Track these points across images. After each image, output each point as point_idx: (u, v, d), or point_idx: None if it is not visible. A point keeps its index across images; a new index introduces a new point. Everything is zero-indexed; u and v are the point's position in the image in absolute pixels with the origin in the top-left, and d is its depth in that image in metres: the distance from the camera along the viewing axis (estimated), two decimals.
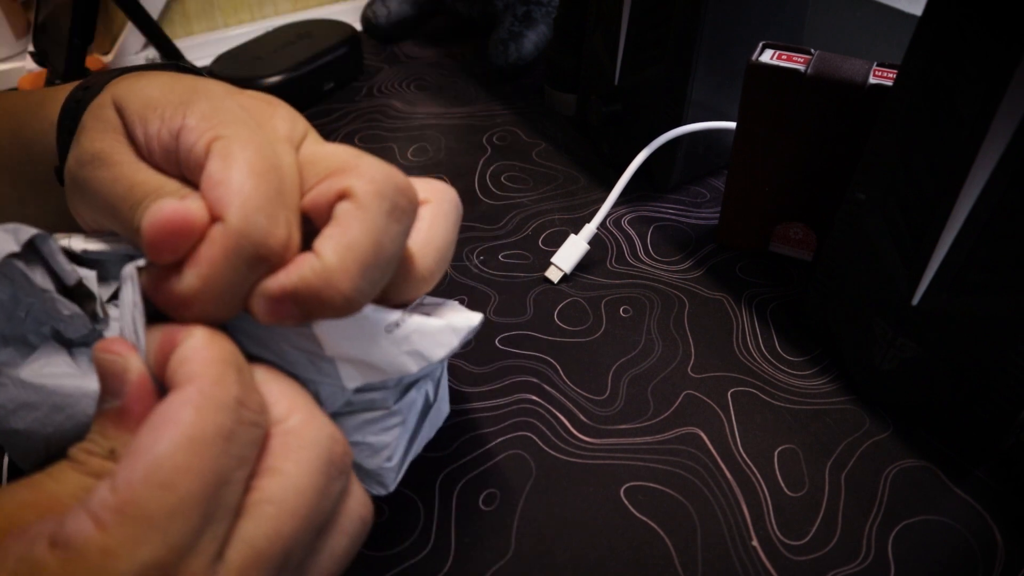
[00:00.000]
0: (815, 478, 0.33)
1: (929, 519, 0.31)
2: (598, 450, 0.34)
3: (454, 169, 0.53)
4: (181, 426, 0.18)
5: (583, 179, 0.53)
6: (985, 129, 0.27)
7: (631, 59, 0.48)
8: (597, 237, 0.45)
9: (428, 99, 0.62)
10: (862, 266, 0.35)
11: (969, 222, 0.29)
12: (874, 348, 0.35)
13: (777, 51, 0.40)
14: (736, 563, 0.30)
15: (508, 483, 0.32)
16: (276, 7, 0.77)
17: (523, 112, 0.60)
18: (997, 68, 0.26)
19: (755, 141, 0.41)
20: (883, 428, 0.35)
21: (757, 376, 0.38)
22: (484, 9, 0.66)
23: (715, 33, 0.44)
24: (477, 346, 0.39)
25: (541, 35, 0.64)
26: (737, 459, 0.34)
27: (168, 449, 0.17)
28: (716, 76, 0.46)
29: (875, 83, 0.36)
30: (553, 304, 0.42)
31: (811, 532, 0.31)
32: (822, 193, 0.40)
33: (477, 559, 0.30)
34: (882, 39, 0.59)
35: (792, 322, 0.41)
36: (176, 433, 0.18)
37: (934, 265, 0.31)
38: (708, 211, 0.50)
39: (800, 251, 0.45)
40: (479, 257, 0.45)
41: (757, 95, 0.40)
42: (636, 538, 0.31)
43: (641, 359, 0.39)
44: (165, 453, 0.17)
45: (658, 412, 0.36)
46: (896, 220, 0.32)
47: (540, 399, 0.36)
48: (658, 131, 0.45)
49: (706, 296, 0.43)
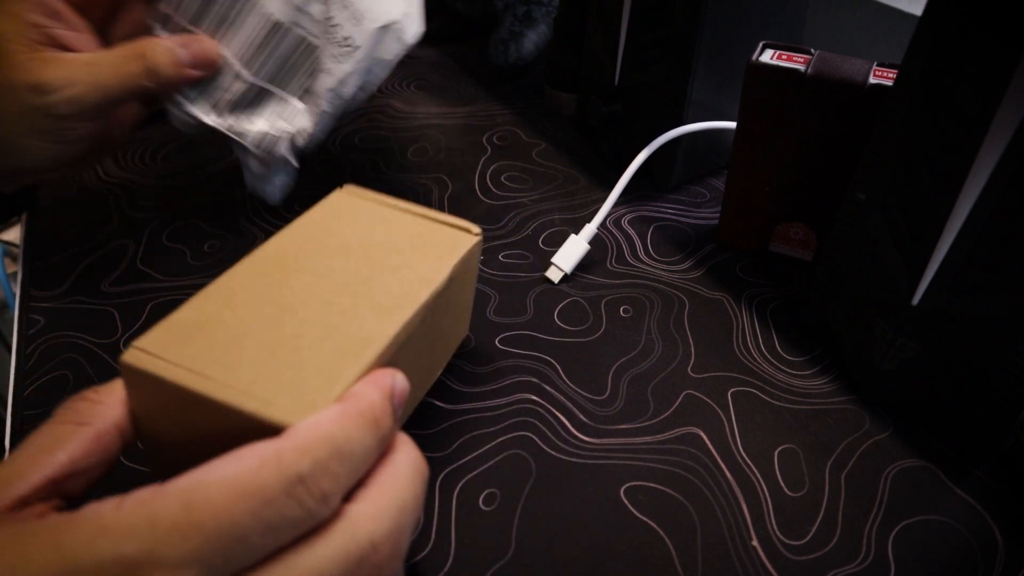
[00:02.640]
0: (815, 478, 0.33)
1: (929, 519, 0.31)
2: (598, 450, 0.34)
3: (454, 169, 0.53)
4: (235, 468, 0.19)
5: (583, 179, 0.53)
6: (985, 129, 0.27)
7: (631, 59, 0.48)
8: (597, 237, 0.45)
9: (428, 99, 0.62)
10: (862, 266, 0.35)
11: (969, 222, 0.29)
12: (874, 348, 0.35)
13: (777, 51, 0.40)
14: (736, 563, 0.30)
15: (508, 483, 0.32)
16: None
17: (523, 112, 0.60)
18: (997, 68, 0.26)
19: (755, 141, 0.41)
20: (883, 428, 0.35)
21: (757, 376, 0.38)
22: (484, 9, 0.66)
23: (715, 33, 0.44)
24: (477, 346, 0.39)
25: (541, 35, 0.64)
26: (737, 459, 0.34)
27: (212, 479, 0.18)
28: (716, 76, 0.46)
29: (875, 83, 0.37)
30: (553, 304, 0.42)
31: (811, 532, 0.31)
32: (822, 193, 0.40)
33: (477, 559, 0.30)
34: (882, 39, 0.59)
35: (792, 322, 0.41)
36: (227, 471, 0.19)
37: (934, 265, 0.31)
38: (708, 211, 0.50)
39: (800, 251, 0.45)
40: (479, 257, 0.45)
41: (757, 95, 0.40)
42: (636, 538, 0.31)
43: (641, 359, 0.39)
44: (206, 481, 0.18)
45: (658, 412, 0.36)
46: (896, 220, 0.32)
47: (540, 399, 0.36)
48: (658, 131, 0.45)
49: (706, 296, 0.43)
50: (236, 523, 0.18)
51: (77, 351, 0.38)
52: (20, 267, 0.45)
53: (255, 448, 0.19)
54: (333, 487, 0.20)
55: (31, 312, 0.41)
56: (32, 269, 0.44)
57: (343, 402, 0.22)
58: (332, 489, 0.20)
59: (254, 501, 0.18)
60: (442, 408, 0.36)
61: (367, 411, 0.21)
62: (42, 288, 0.42)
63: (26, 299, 0.42)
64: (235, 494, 0.18)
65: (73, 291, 0.42)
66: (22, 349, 0.39)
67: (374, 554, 0.20)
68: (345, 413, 0.21)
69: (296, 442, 0.20)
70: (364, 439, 0.21)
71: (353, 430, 0.21)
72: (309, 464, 0.19)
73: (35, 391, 0.36)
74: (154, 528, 0.17)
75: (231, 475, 0.18)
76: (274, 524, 0.18)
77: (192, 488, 0.18)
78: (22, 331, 0.40)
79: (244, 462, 0.19)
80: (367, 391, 0.22)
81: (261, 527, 0.18)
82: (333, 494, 0.20)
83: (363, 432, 0.21)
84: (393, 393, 0.23)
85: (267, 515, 0.18)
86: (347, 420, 0.21)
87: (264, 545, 0.18)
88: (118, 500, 0.18)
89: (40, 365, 0.38)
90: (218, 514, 0.18)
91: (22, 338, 0.40)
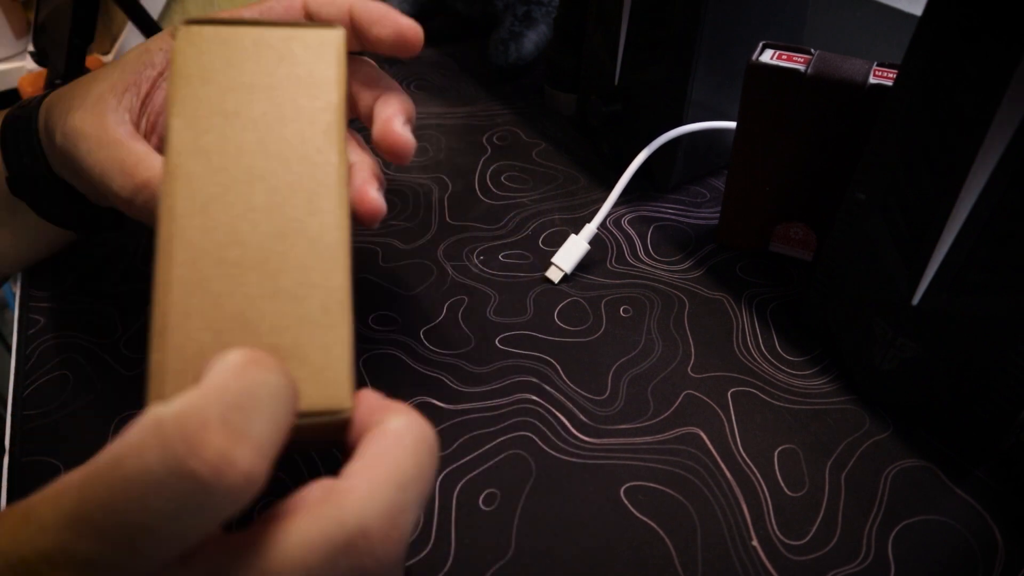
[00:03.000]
0: (815, 478, 0.33)
1: (929, 519, 0.31)
2: (598, 450, 0.34)
3: (454, 169, 0.53)
4: (120, 448, 0.16)
5: (583, 179, 0.53)
6: (985, 129, 0.27)
7: (631, 59, 0.48)
8: (597, 237, 0.45)
9: (428, 99, 0.62)
10: (862, 266, 0.35)
11: (969, 222, 0.29)
12: (874, 348, 0.35)
13: (777, 51, 0.40)
14: (736, 563, 0.30)
15: (508, 483, 0.33)
16: None
17: (523, 112, 0.60)
18: (997, 68, 0.26)
19: (755, 141, 0.41)
20: (883, 428, 0.35)
21: (757, 376, 0.38)
22: (484, 9, 0.66)
23: (715, 33, 0.44)
24: (477, 346, 0.39)
25: (541, 35, 0.64)
26: (737, 459, 0.34)
27: (100, 462, 0.16)
28: (716, 76, 0.46)
29: (875, 83, 0.37)
30: (553, 304, 0.42)
31: (811, 532, 0.31)
32: (822, 193, 0.40)
33: (477, 559, 0.30)
34: (882, 39, 0.59)
35: (792, 322, 0.41)
36: (113, 452, 0.16)
37: (934, 265, 0.31)
38: (708, 211, 0.50)
39: (800, 251, 0.45)
40: (479, 257, 0.45)
41: (757, 95, 0.40)
42: (636, 538, 0.31)
43: (641, 359, 0.39)
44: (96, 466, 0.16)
45: (658, 412, 0.36)
46: (896, 220, 0.32)
47: (540, 399, 0.36)
48: (658, 131, 0.45)
49: (706, 296, 0.43)
50: (123, 513, 0.15)
51: (77, 351, 0.38)
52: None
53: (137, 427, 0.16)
54: (231, 443, 0.16)
55: (31, 312, 0.41)
56: (32, 269, 0.44)
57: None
58: (232, 446, 0.16)
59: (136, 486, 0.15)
60: (442, 408, 0.36)
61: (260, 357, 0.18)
62: (42, 288, 0.42)
63: (26, 299, 0.42)
64: (117, 479, 0.15)
65: (73, 291, 0.42)
66: (22, 349, 0.39)
67: (363, 539, 0.17)
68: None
69: (177, 410, 0.16)
70: (268, 380, 0.17)
71: (254, 375, 0.17)
72: (195, 425, 0.15)
73: (35, 391, 0.36)
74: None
75: (116, 455, 0.15)
76: (168, 509, 0.15)
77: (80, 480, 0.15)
78: (22, 331, 0.40)
79: (127, 440, 0.16)
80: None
81: (157, 511, 0.15)
82: (240, 453, 0.16)
83: (266, 373, 0.17)
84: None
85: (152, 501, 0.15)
86: (243, 370, 0.17)
87: (168, 534, 0.15)
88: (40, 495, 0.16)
89: (40, 365, 0.38)
90: (102, 503, 0.15)
91: (22, 338, 0.40)
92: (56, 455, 0.33)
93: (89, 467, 0.16)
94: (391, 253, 0.45)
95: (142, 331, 0.40)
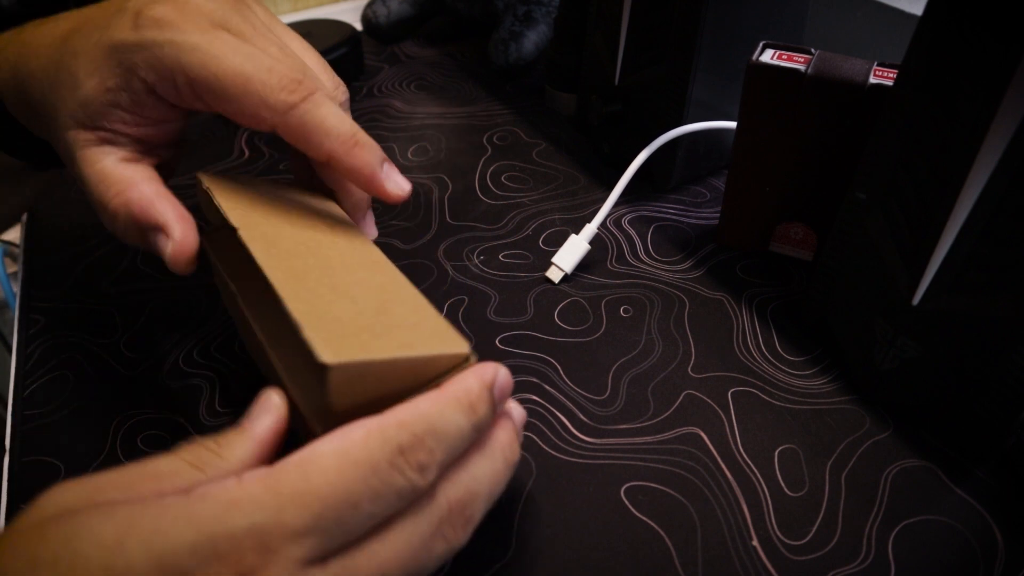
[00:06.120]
0: (815, 478, 0.33)
1: (929, 519, 0.31)
2: (598, 450, 0.34)
3: (454, 169, 0.53)
4: (344, 442, 0.21)
5: (583, 179, 0.53)
6: (985, 129, 0.27)
7: (631, 59, 0.48)
8: (597, 237, 0.45)
9: (428, 99, 0.62)
10: (862, 266, 0.35)
11: (969, 222, 0.29)
12: (874, 348, 0.35)
13: (777, 51, 0.40)
14: (736, 563, 0.30)
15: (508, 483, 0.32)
16: (276, 7, 0.77)
17: (523, 112, 0.60)
18: (997, 68, 0.26)
19: (755, 141, 0.41)
20: (883, 428, 0.35)
21: (757, 376, 0.38)
22: (484, 9, 0.66)
23: (715, 33, 0.44)
24: (477, 346, 0.39)
25: (541, 35, 0.64)
26: (737, 459, 0.34)
27: (323, 451, 0.20)
28: (716, 76, 0.46)
29: (875, 83, 0.36)
30: (553, 304, 0.42)
31: (811, 532, 0.31)
32: (822, 193, 0.40)
33: (477, 559, 0.30)
34: (882, 39, 0.59)
35: (792, 322, 0.41)
36: (336, 445, 0.21)
37: (934, 265, 0.31)
38: (708, 211, 0.50)
39: (800, 251, 0.45)
40: (479, 257, 0.45)
41: (757, 95, 0.40)
42: (636, 538, 0.31)
43: (641, 359, 0.39)
44: (319, 452, 0.20)
45: (658, 412, 0.36)
46: (896, 220, 0.32)
47: (540, 399, 0.36)
48: (658, 131, 0.45)
49: (706, 296, 0.43)
50: (350, 489, 0.20)
51: (77, 351, 0.38)
52: (20, 267, 0.45)
53: (360, 424, 0.21)
54: (428, 459, 0.22)
55: (31, 312, 0.41)
56: (32, 269, 0.44)
57: (442, 387, 0.24)
58: (427, 461, 0.22)
59: (363, 469, 0.20)
60: None
61: (463, 396, 0.23)
62: (42, 288, 0.42)
63: (26, 299, 0.42)
64: (346, 463, 0.20)
65: (73, 291, 0.42)
66: (22, 349, 0.39)
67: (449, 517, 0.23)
68: (443, 396, 0.23)
69: (396, 418, 0.22)
70: (458, 420, 0.23)
71: (448, 411, 0.23)
72: (408, 436, 0.21)
73: (35, 391, 0.36)
74: (279, 497, 0.19)
75: (340, 447, 0.21)
76: (381, 492, 0.20)
77: (307, 460, 0.20)
78: (22, 331, 0.40)
79: (351, 436, 0.21)
80: (467, 378, 0.24)
81: (370, 493, 0.20)
82: (428, 466, 0.22)
83: (458, 414, 0.23)
84: (494, 383, 0.25)
85: (374, 482, 0.20)
86: (443, 402, 0.23)
87: (373, 512, 0.21)
88: (235, 479, 0.20)
89: (40, 365, 0.38)
90: (333, 481, 0.20)
91: (22, 338, 0.40)
92: (56, 455, 0.33)
93: (301, 454, 0.21)
94: (391, 253, 0.45)
95: (142, 331, 0.40)
